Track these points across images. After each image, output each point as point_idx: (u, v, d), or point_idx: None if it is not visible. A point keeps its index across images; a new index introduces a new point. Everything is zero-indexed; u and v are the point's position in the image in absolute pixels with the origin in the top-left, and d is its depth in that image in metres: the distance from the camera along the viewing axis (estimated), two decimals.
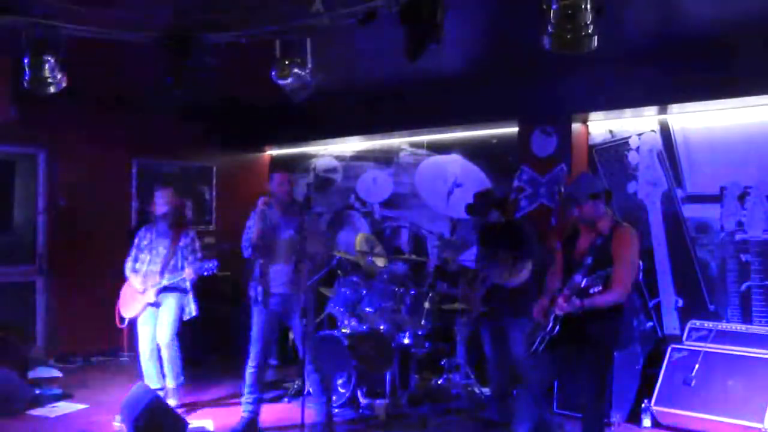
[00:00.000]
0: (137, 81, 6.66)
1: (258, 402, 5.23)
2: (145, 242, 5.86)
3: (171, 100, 5.76)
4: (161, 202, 5.83)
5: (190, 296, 5.86)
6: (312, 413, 5.24)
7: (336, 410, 5.55)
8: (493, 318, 5.32)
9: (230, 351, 7.45)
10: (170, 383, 5.83)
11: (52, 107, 6.48)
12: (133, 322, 5.89)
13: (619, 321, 4.16)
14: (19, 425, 5.41)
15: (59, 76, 5.34)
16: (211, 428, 5.35)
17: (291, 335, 5.87)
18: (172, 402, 5.67)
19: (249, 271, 5.56)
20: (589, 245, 4.13)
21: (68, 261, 7.53)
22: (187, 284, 5.80)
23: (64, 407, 5.83)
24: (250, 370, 5.17)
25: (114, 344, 7.65)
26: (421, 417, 5.53)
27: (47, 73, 5.26)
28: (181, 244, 5.81)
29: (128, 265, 5.87)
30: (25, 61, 5.21)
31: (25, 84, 5.34)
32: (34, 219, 7.57)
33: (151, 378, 5.81)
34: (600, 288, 3.98)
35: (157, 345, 5.80)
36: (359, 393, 5.69)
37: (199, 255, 5.85)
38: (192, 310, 5.88)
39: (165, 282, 5.71)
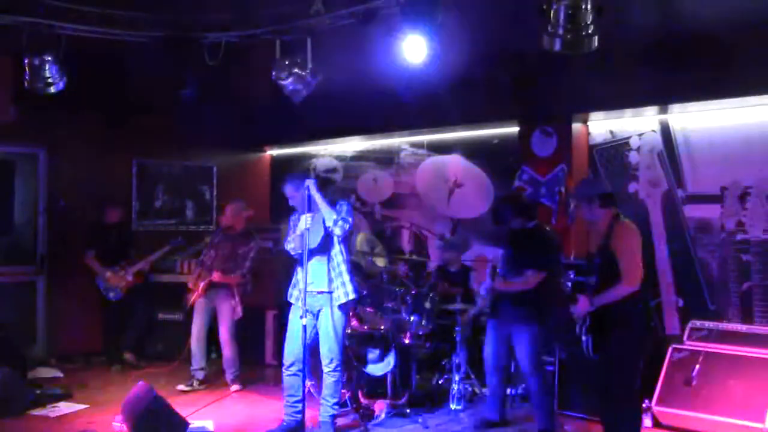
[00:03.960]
0: (137, 81, 6.66)
1: (295, 405, 5.04)
2: (216, 240, 6.56)
3: (171, 100, 5.76)
4: (232, 215, 6.50)
5: (237, 299, 6.44)
6: (315, 413, 5.23)
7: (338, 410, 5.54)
8: (500, 321, 5.27)
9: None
10: (228, 375, 6.50)
11: (52, 107, 6.47)
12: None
13: (631, 306, 4.16)
14: (19, 425, 5.40)
15: (59, 76, 5.36)
16: (212, 428, 5.35)
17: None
18: (235, 387, 6.43)
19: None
20: (596, 247, 4.34)
21: (68, 261, 7.52)
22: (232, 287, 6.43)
23: (64, 407, 5.82)
24: (284, 373, 5.15)
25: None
26: (421, 417, 5.53)
27: (47, 73, 5.27)
28: (240, 251, 6.41)
29: (200, 258, 6.63)
30: (25, 61, 5.22)
31: (25, 84, 5.35)
32: (34, 219, 7.57)
33: (195, 357, 6.48)
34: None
35: (205, 332, 6.50)
36: (359, 393, 5.68)
37: (248, 264, 6.43)
38: (238, 312, 6.46)
39: (213, 279, 6.32)
